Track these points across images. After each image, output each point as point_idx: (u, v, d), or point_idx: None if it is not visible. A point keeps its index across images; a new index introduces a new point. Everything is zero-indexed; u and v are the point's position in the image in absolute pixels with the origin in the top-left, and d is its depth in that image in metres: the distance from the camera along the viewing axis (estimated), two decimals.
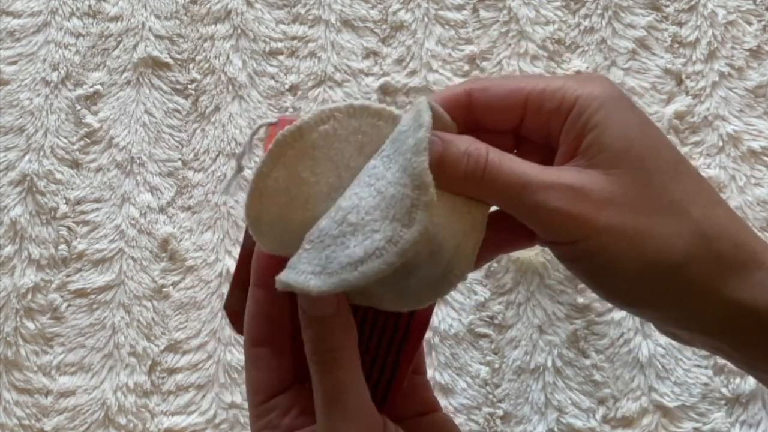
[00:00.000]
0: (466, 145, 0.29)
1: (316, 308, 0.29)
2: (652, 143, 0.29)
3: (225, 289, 0.51)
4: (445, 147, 0.29)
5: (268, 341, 0.31)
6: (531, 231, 0.30)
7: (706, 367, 0.49)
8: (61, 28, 0.58)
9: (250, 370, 0.32)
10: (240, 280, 0.34)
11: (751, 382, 0.48)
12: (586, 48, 0.57)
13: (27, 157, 0.55)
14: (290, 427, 0.30)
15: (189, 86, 0.57)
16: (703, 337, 0.30)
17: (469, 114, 0.31)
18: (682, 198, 0.28)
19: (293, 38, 0.58)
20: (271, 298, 0.31)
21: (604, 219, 0.27)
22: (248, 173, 0.54)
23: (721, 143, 0.54)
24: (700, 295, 0.28)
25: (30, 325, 0.51)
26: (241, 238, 0.53)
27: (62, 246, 0.53)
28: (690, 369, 0.49)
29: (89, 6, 0.59)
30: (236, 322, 0.34)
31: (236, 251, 0.52)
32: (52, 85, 0.57)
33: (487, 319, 0.50)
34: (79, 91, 0.57)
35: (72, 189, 0.54)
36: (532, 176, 0.28)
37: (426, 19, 0.58)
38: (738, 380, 0.49)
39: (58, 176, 0.54)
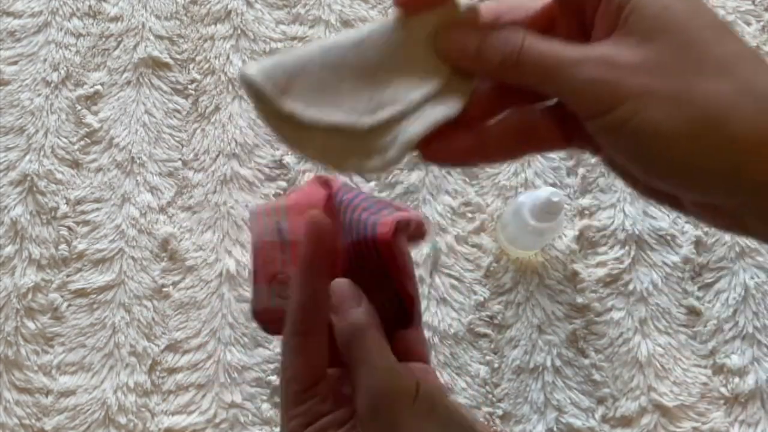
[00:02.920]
0: (505, 33, 0.29)
1: (344, 303, 0.32)
2: (692, 5, 0.28)
3: (225, 289, 0.52)
4: (483, 38, 0.29)
5: (313, 331, 0.33)
6: (563, 132, 0.30)
7: (705, 367, 0.49)
8: (61, 29, 0.59)
9: (296, 358, 0.33)
10: (265, 274, 0.34)
11: (750, 382, 0.48)
12: None
13: (27, 157, 0.55)
14: (331, 412, 0.32)
15: (189, 86, 0.57)
16: (735, 202, 0.28)
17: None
18: (726, 57, 0.27)
19: (293, 38, 0.58)
20: (321, 288, 0.33)
21: (639, 82, 0.27)
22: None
23: None
24: (744, 153, 0.27)
25: (30, 324, 0.51)
26: (243, 237, 0.53)
27: (62, 246, 0.53)
28: (689, 369, 0.49)
29: (89, 6, 0.59)
30: (271, 321, 0.35)
31: (236, 251, 0.52)
32: (52, 85, 0.57)
33: (487, 319, 0.50)
34: (80, 91, 0.57)
35: (72, 189, 0.54)
36: (566, 53, 0.28)
37: None
38: (737, 380, 0.49)
39: (59, 176, 0.55)
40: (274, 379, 0.49)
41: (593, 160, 0.54)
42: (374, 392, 0.31)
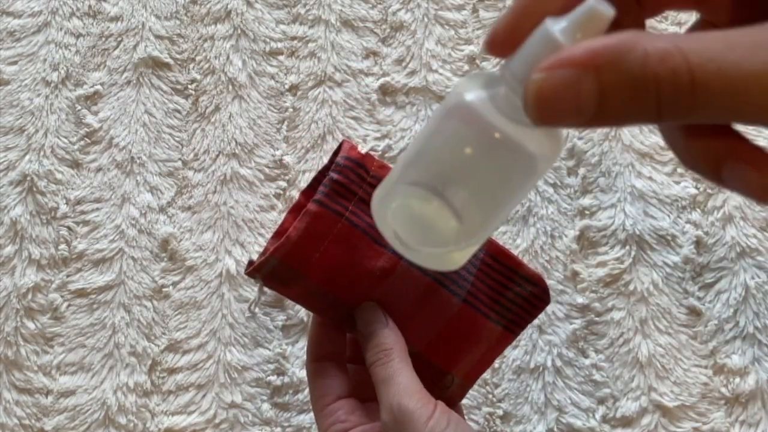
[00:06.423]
0: (642, 58, 0.18)
1: (371, 325, 0.37)
2: None
3: (225, 289, 0.52)
4: (606, 76, 0.18)
5: (330, 358, 0.40)
6: None
7: (705, 367, 0.49)
8: (61, 29, 0.59)
9: (317, 379, 0.39)
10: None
11: (750, 382, 0.48)
12: None
13: (27, 157, 0.55)
14: (355, 423, 0.37)
15: (189, 86, 0.57)
16: None
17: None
18: None
19: (293, 38, 0.58)
20: (333, 324, 0.40)
21: None
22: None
23: None
24: None
25: (30, 324, 0.51)
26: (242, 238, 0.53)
27: (62, 246, 0.53)
28: (689, 369, 0.49)
29: (89, 6, 0.59)
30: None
31: (236, 251, 0.52)
32: (52, 85, 0.57)
33: None
34: (80, 91, 0.57)
35: (72, 189, 0.54)
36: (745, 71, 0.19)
37: (426, 20, 0.58)
38: (737, 380, 0.49)
39: (59, 176, 0.55)
40: (274, 380, 0.49)
41: (594, 159, 0.54)
42: (395, 409, 0.34)
